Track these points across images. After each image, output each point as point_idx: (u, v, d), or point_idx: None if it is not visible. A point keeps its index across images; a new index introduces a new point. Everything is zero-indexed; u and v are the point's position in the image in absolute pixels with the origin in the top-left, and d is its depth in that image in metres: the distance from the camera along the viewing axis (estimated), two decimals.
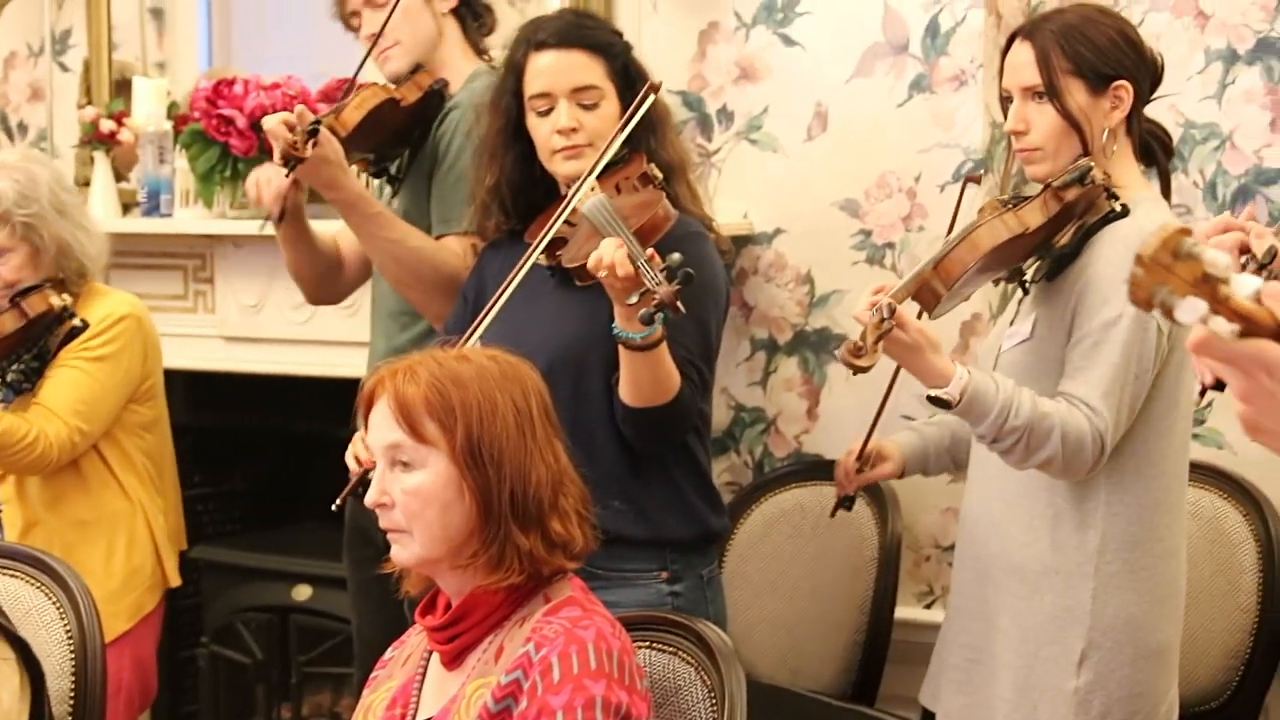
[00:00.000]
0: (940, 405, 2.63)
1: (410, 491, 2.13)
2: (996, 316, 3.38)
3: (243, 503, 4.75)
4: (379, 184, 3.47)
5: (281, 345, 4.20)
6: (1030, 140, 2.76)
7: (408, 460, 2.13)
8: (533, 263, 2.79)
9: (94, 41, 4.66)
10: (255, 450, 4.70)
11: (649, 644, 2.32)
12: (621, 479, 2.81)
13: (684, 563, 2.87)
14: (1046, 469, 2.68)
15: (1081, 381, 2.66)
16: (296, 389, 4.23)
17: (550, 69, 2.91)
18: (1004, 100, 2.84)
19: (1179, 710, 2.83)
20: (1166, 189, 2.88)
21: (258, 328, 4.22)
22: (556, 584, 2.17)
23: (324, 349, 4.08)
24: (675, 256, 2.49)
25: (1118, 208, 2.70)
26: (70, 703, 2.77)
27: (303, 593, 4.27)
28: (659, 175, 2.89)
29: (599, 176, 2.83)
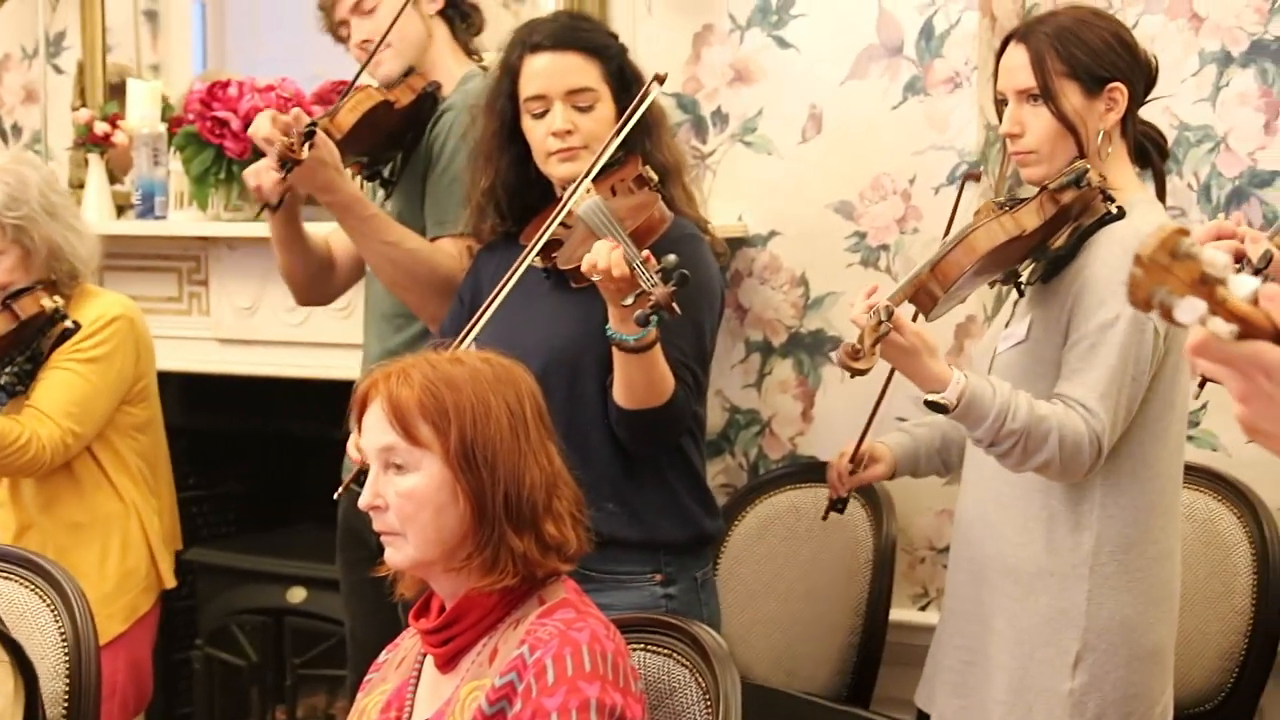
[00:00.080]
0: (937, 410, 2.63)
1: (404, 494, 2.12)
2: (991, 318, 3.38)
3: (237, 505, 4.74)
4: (372, 187, 3.47)
5: (276, 347, 4.20)
6: (1025, 143, 2.76)
7: (401, 463, 2.13)
8: (528, 265, 2.79)
9: (88, 44, 4.65)
10: (250, 452, 4.70)
11: (644, 646, 2.32)
12: (615, 481, 2.81)
13: (678, 565, 2.87)
14: (1044, 472, 2.68)
15: (1078, 383, 2.66)
16: (291, 391, 4.22)
17: (545, 71, 2.91)
18: (999, 103, 2.84)
19: (1174, 712, 2.83)
20: (1162, 191, 2.88)
21: (252, 330, 4.22)
22: (550, 586, 2.17)
23: (318, 351, 4.08)
24: (671, 258, 2.49)
25: (1114, 210, 2.70)
26: (64, 705, 2.76)
27: (297, 595, 4.26)
28: (654, 177, 2.89)
29: (595, 178, 2.83)
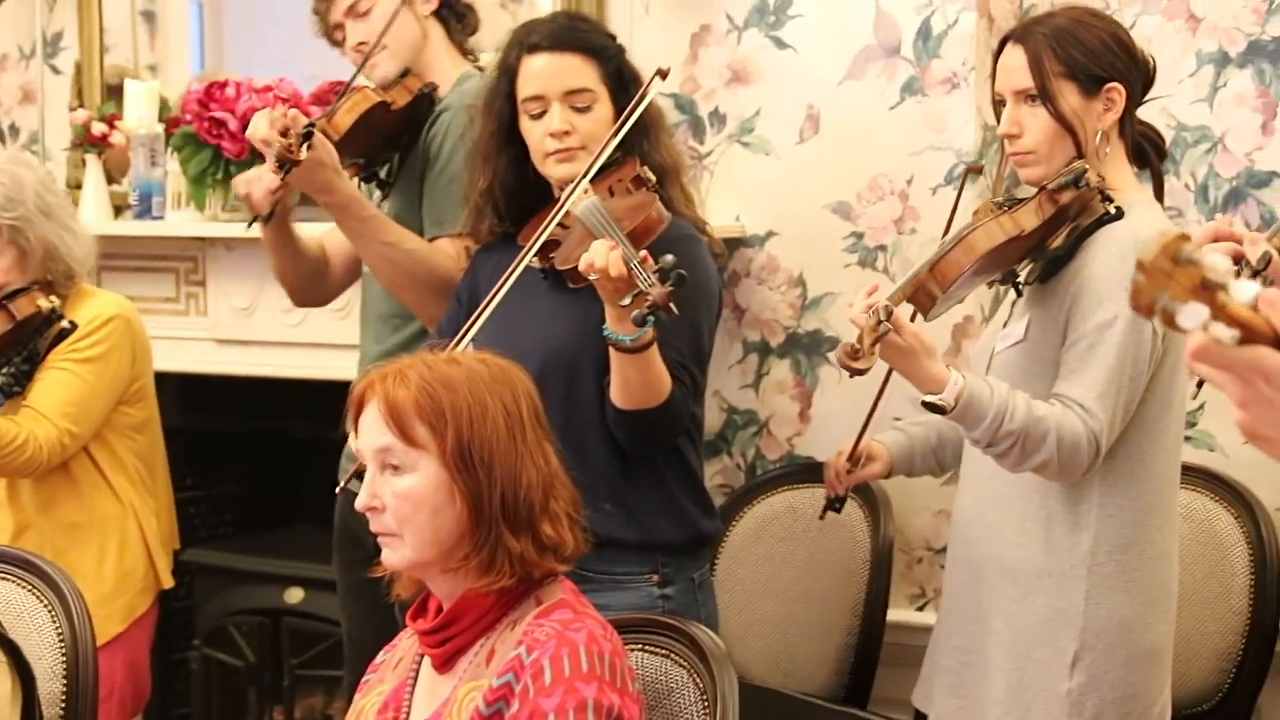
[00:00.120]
0: (935, 410, 2.63)
1: (401, 495, 2.12)
2: (988, 319, 3.38)
3: (235, 505, 4.74)
4: (368, 188, 3.47)
5: (273, 348, 4.20)
6: (1023, 144, 2.76)
7: (398, 464, 2.13)
8: (526, 265, 2.79)
9: (85, 44, 4.64)
10: (247, 453, 4.69)
11: (641, 646, 2.31)
12: (612, 482, 2.80)
13: (675, 566, 2.87)
14: (1041, 472, 2.68)
15: (1076, 383, 2.66)
16: (288, 392, 4.22)
17: (543, 72, 2.91)
18: (996, 104, 2.84)
19: (1171, 712, 2.83)
20: (1160, 191, 2.88)
21: (249, 330, 4.22)
22: (547, 587, 2.17)
23: (316, 352, 4.08)
24: (668, 258, 2.49)
25: (1112, 210, 2.70)
26: (61, 706, 2.76)
27: (295, 595, 4.26)
28: (652, 178, 2.89)
29: (593, 179, 2.83)
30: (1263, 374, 1.29)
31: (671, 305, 2.47)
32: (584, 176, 2.81)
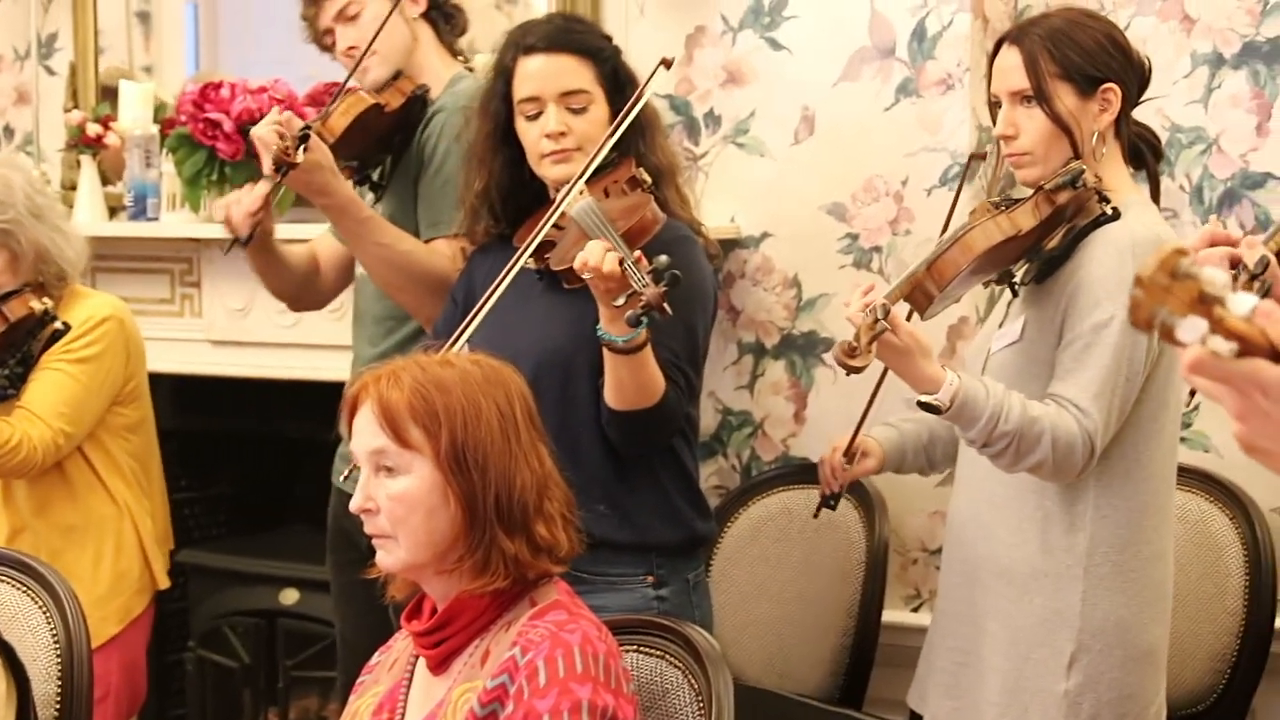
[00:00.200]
0: (930, 411, 2.63)
1: (395, 497, 2.12)
2: (983, 320, 3.38)
3: (229, 506, 4.74)
4: (361, 191, 3.46)
5: (268, 349, 4.19)
6: (1020, 145, 2.76)
7: (392, 465, 2.13)
8: (521, 266, 2.79)
9: (80, 45, 4.64)
10: (242, 454, 4.69)
11: (636, 648, 2.31)
12: (607, 483, 2.80)
13: (670, 567, 2.87)
14: (1036, 472, 2.68)
15: (1072, 383, 2.66)
16: (283, 393, 4.22)
17: (539, 73, 2.91)
18: (992, 105, 2.84)
19: (1166, 712, 2.83)
20: (1156, 192, 2.88)
21: (244, 331, 4.21)
22: (542, 588, 2.17)
23: (311, 353, 4.07)
24: (663, 259, 2.49)
25: (1108, 211, 2.70)
26: (56, 707, 2.76)
27: (289, 597, 4.26)
28: (648, 179, 2.89)
29: (588, 180, 2.83)
30: (1259, 386, 1.29)
31: (666, 306, 2.47)
32: (580, 177, 2.81)
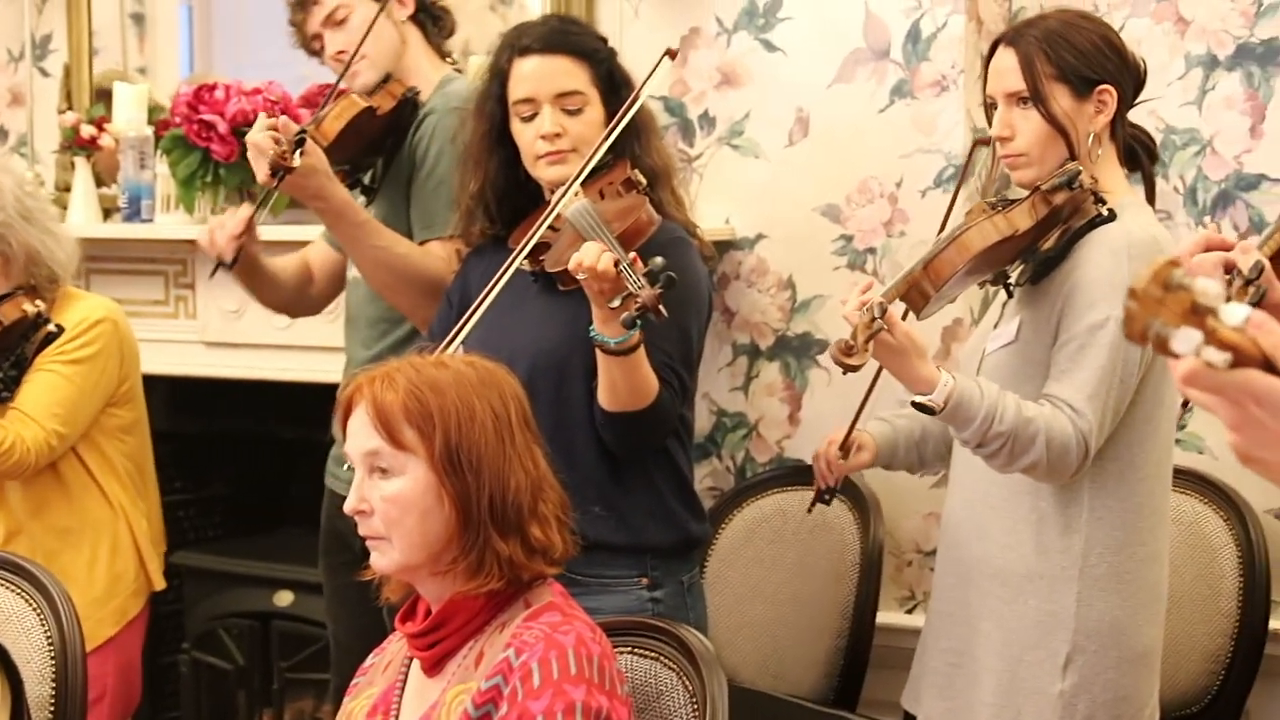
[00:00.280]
0: (925, 411, 2.63)
1: (389, 498, 2.12)
2: (978, 321, 3.39)
3: (224, 508, 4.74)
4: (352, 194, 3.46)
5: (262, 350, 4.19)
6: (1015, 146, 2.76)
7: (386, 467, 2.13)
8: (516, 267, 2.79)
9: (74, 47, 4.64)
10: (236, 455, 4.69)
11: (630, 649, 2.31)
12: (601, 485, 2.80)
13: (664, 569, 2.87)
14: (1031, 473, 2.68)
15: (1067, 384, 2.66)
16: (277, 394, 4.22)
17: (534, 74, 2.91)
18: (988, 107, 2.84)
19: (1160, 714, 2.83)
20: (1151, 194, 2.89)
21: (239, 333, 4.21)
22: (536, 590, 2.17)
23: (305, 354, 4.07)
24: (658, 260, 2.49)
25: (1104, 212, 2.70)
26: (50, 710, 2.76)
27: (284, 598, 4.26)
28: (643, 181, 2.89)
29: (583, 182, 2.82)
30: (1253, 396, 1.29)
31: (661, 307, 2.47)
32: (575, 179, 2.82)
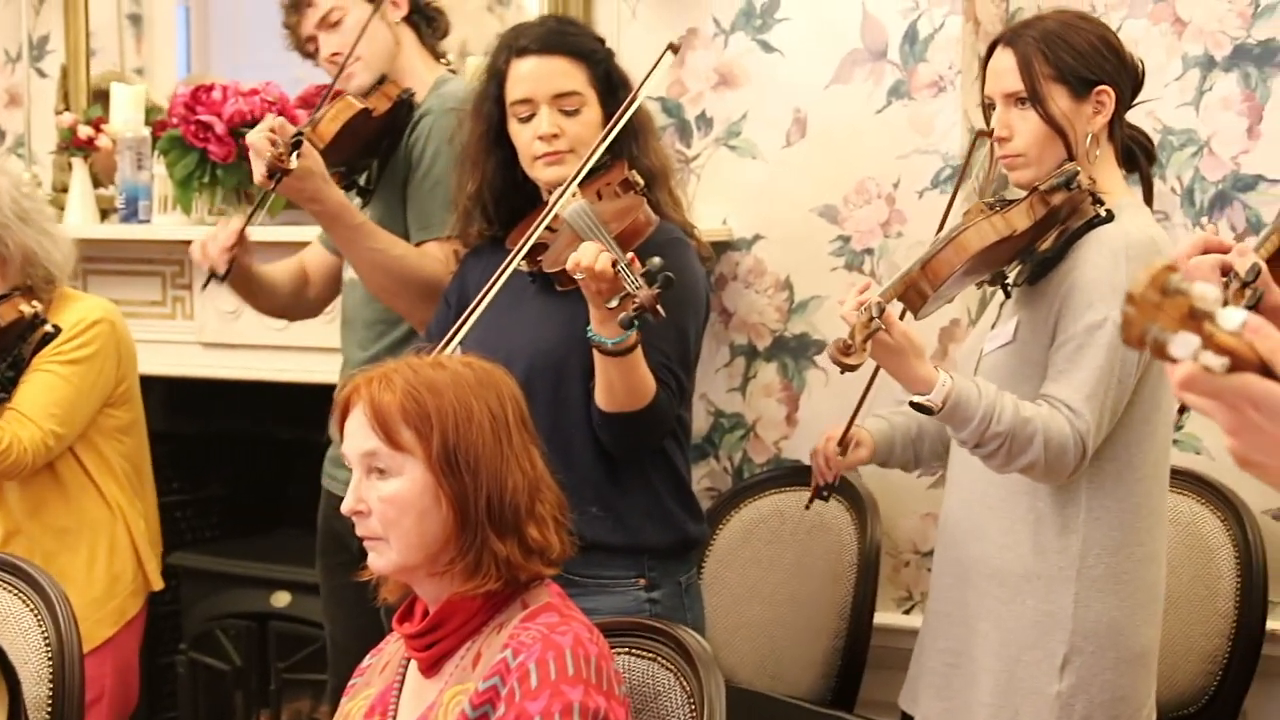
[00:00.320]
0: (923, 411, 2.63)
1: (386, 499, 2.12)
2: (975, 322, 3.39)
3: (221, 509, 4.74)
4: (348, 196, 3.46)
5: (259, 351, 4.19)
6: (1014, 146, 2.76)
7: (384, 468, 2.13)
8: (514, 268, 2.79)
9: (72, 47, 4.64)
10: (233, 456, 4.69)
11: (628, 650, 2.31)
12: (599, 485, 2.80)
13: (662, 570, 2.87)
14: (1028, 473, 2.68)
15: (1064, 384, 2.66)
16: (275, 395, 4.22)
17: (532, 75, 2.91)
18: (986, 107, 2.84)
19: (1157, 715, 2.83)
20: (1149, 194, 2.89)
21: (236, 334, 4.21)
22: (534, 590, 2.17)
23: (302, 355, 4.07)
24: (655, 261, 2.49)
25: (1102, 213, 2.70)
26: (48, 710, 2.76)
27: (281, 599, 4.26)
28: (640, 181, 2.89)
29: (581, 182, 2.82)
30: (1251, 401, 1.30)
31: (659, 308, 2.47)
32: (573, 179, 2.81)
